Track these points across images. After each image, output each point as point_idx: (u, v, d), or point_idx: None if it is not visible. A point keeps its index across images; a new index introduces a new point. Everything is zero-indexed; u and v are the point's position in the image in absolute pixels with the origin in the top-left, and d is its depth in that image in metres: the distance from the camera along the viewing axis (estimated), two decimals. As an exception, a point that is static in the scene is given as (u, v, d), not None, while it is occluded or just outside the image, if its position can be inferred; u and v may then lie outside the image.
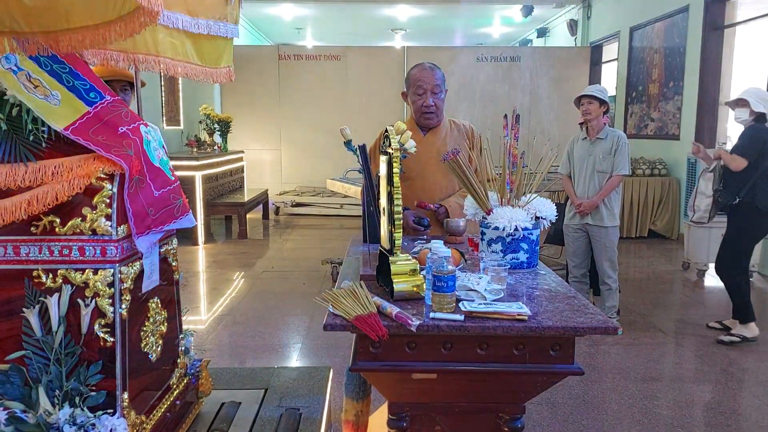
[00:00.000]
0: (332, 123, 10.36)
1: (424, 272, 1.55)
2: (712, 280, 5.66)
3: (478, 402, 1.52)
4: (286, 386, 2.55)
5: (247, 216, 7.93)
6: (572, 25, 11.26)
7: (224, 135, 8.90)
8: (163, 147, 1.92)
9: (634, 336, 4.05)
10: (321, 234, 8.07)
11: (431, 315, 1.39)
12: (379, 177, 1.64)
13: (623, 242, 7.06)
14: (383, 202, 1.58)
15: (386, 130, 1.55)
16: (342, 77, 10.47)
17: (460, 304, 1.43)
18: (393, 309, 1.38)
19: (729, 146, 5.78)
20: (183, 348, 2.15)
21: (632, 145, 8.34)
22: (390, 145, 1.50)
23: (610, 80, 9.94)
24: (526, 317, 1.37)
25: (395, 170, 1.48)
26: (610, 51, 10.36)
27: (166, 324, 1.98)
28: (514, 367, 1.41)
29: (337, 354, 3.66)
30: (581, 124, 4.37)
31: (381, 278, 1.62)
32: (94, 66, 1.97)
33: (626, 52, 9.20)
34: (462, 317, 1.38)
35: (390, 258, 1.51)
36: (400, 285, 1.49)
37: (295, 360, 3.72)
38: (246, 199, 8.01)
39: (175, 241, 2.09)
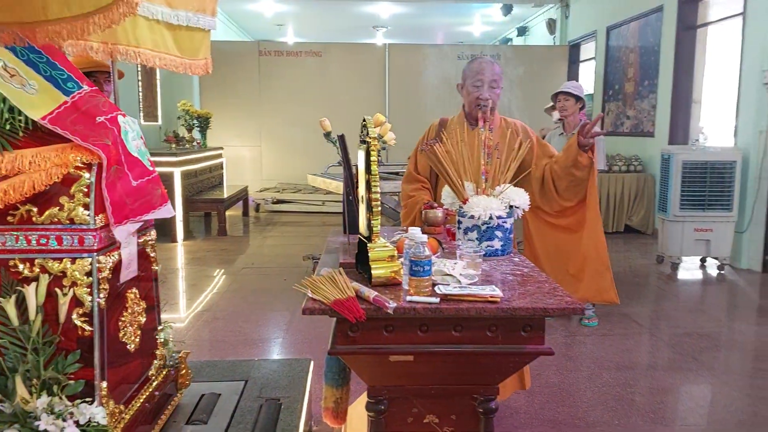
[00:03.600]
0: (313, 120, 10.21)
1: (401, 260, 1.58)
2: (685, 273, 5.79)
3: (453, 384, 1.56)
4: (266, 378, 2.56)
5: (227, 213, 7.90)
6: (551, 24, 11.38)
7: (203, 131, 8.85)
8: (141, 138, 1.93)
9: (609, 327, 4.13)
10: (302, 231, 8.06)
11: (408, 298, 1.42)
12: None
13: (600, 237, 7.16)
14: (361, 190, 1.61)
15: (364, 120, 1.57)
16: (323, 74, 10.46)
17: (435, 288, 1.46)
18: (371, 293, 1.41)
19: (703, 142, 5.91)
20: (162, 340, 2.16)
21: (609, 142, 8.51)
22: (368, 134, 1.53)
23: (588, 79, 10.08)
24: (499, 299, 1.42)
25: (373, 158, 1.51)
26: (587, 50, 10.50)
27: (144, 315, 1.98)
28: (488, 348, 1.45)
29: (317, 348, 3.68)
30: (559, 120, 4.45)
31: (360, 265, 1.64)
32: (72, 56, 1.97)
33: (603, 51, 9.33)
34: (437, 300, 1.41)
35: (368, 244, 1.54)
36: (378, 270, 1.52)
37: (275, 354, 3.73)
38: (226, 195, 7.98)
39: (153, 232, 2.09)
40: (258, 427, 2.10)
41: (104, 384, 1.68)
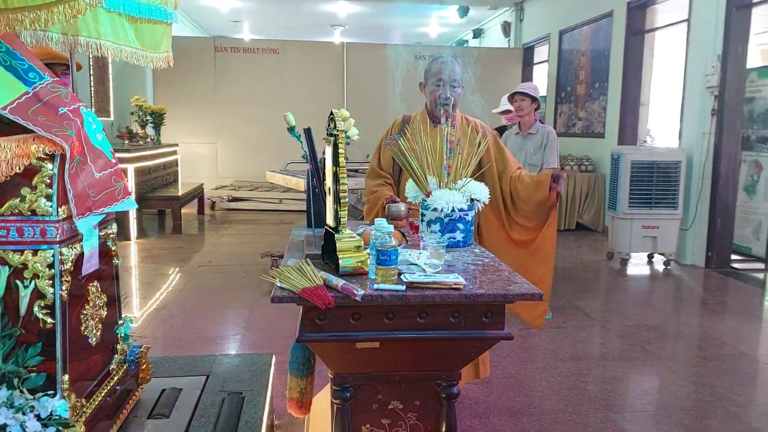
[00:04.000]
0: (271, 117, 10.24)
1: (368, 250, 1.62)
2: (633, 268, 6.01)
3: (418, 370, 1.61)
4: (227, 373, 2.56)
5: (182, 211, 7.77)
6: (506, 27, 11.61)
7: (157, 127, 8.68)
8: (103, 130, 1.91)
9: (563, 320, 4.27)
10: (259, 229, 8.00)
11: (375, 286, 1.46)
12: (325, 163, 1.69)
13: (553, 235, 7.36)
14: (329, 182, 1.64)
15: (331, 113, 1.61)
16: (281, 71, 10.40)
17: (401, 277, 1.51)
18: (339, 281, 1.44)
19: (650, 143, 6.15)
20: (122, 334, 2.14)
21: (561, 143, 8.72)
22: (335, 127, 1.56)
23: (542, 81, 10.32)
24: (462, 286, 1.47)
25: (341, 151, 1.55)
26: (541, 52, 10.75)
27: (105, 309, 1.96)
28: (451, 333, 1.50)
29: (278, 344, 3.67)
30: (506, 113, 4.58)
31: (326, 256, 1.68)
32: (31, 48, 1.93)
33: (556, 53, 9.58)
34: (404, 287, 1.46)
35: (336, 235, 1.57)
36: (345, 260, 1.55)
37: (235, 351, 3.71)
38: (181, 193, 7.85)
39: (114, 225, 2.07)
40: (221, 421, 2.10)
41: (66, 377, 1.66)
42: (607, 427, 2.79)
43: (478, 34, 13.64)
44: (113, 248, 2.06)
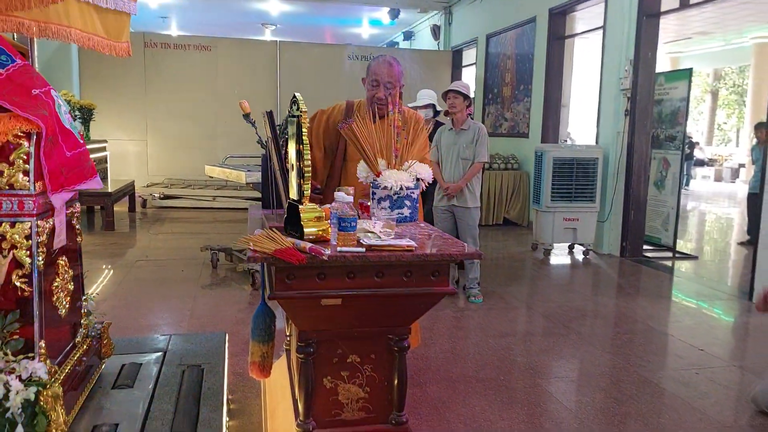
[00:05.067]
0: (203, 114, 10.19)
1: (329, 221, 1.80)
2: (556, 258, 6.45)
3: (374, 326, 1.81)
4: (183, 350, 2.66)
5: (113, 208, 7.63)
6: (435, 30, 12.00)
7: (86, 123, 8.47)
8: (69, 113, 2.01)
9: (493, 303, 4.59)
10: (194, 226, 7.96)
11: (338, 249, 1.65)
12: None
13: (482, 229, 7.74)
14: (292, 159, 1.81)
15: (294, 96, 1.78)
16: (212, 68, 10.33)
17: (360, 241, 1.71)
18: (306, 244, 1.62)
19: (570, 143, 6.62)
20: (85, 310, 2.23)
21: (489, 142, 9.19)
22: (298, 109, 1.74)
23: (470, 83, 10.75)
24: (413, 248, 1.69)
25: (304, 130, 1.73)
26: (469, 55, 11.20)
27: (72, 283, 2.06)
28: (404, 290, 1.71)
29: (224, 330, 3.78)
30: (445, 113, 4.87)
31: (290, 227, 1.85)
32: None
33: (483, 57, 10.03)
34: (364, 249, 1.65)
35: (300, 207, 1.75)
36: (309, 229, 1.73)
37: (181, 337, 3.78)
38: (112, 189, 7.70)
39: (78, 204, 2.16)
40: (184, 389, 2.22)
41: (42, 343, 1.75)
42: (534, 390, 3.09)
43: (408, 36, 14.01)
44: (77, 226, 2.15)
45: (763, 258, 4.71)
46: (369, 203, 2.15)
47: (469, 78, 11.02)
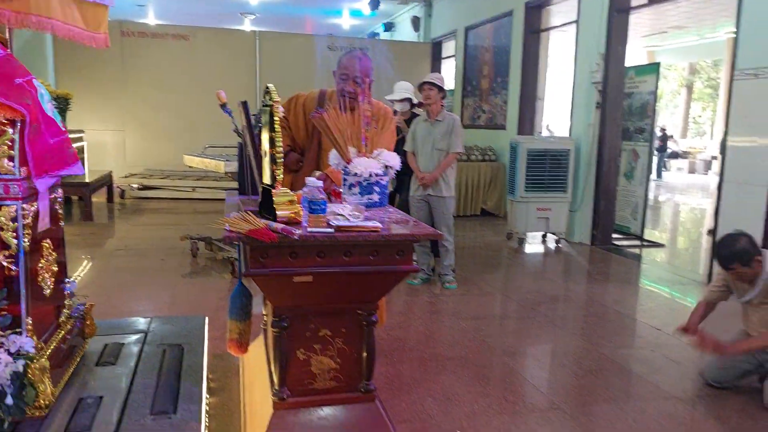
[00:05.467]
0: (181, 105, 10.19)
1: (300, 206, 1.92)
2: (529, 246, 6.64)
3: (343, 302, 1.93)
4: (164, 331, 2.76)
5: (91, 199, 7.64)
6: (415, 22, 12.10)
7: (63, 112, 8.43)
8: (51, 102, 2.09)
9: (467, 288, 4.75)
10: (173, 217, 8.00)
11: (309, 229, 1.77)
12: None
13: (460, 219, 7.93)
14: (266, 146, 1.92)
15: (267, 87, 1.89)
16: (191, 58, 10.32)
17: (329, 223, 1.83)
18: (279, 225, 1.74)
19: (549, 134, 6.79)
20: (68, 291, 2.32)
21: (468, 134, 9.32)
22: (271, 99, 1.85)
23: (449, 75, 10.89)
24: (379, 229, 1.81)
25: (276, 119, 1.84)
26: (449, 47, 11.33)
27: (56, 265, 2.15)
28: (371, 268, 1.84)
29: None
30: (419, 105, 4.99)
31: (263, 210, 1.96)
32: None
33: (462, 49, 10.16)
34: (333, 230, 1.78)
35: (273, 191, 1.87)
36: (281, 212, 1.85)
37: (161, 322, 3.87)
38: (89, 180, 7.70)
39: (60, 190, 2.25)
40: (165, 366, 2.33)
41: (29, 319, 1.85)
42: (501, 368, 3.25)
43: (389, 27, 14.08)
44: (60, 211, 2.24)
45: (724, 245, 4.92)
46: (341, 189, 2.27)
47: (449, 70, 11.15)
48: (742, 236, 3.01)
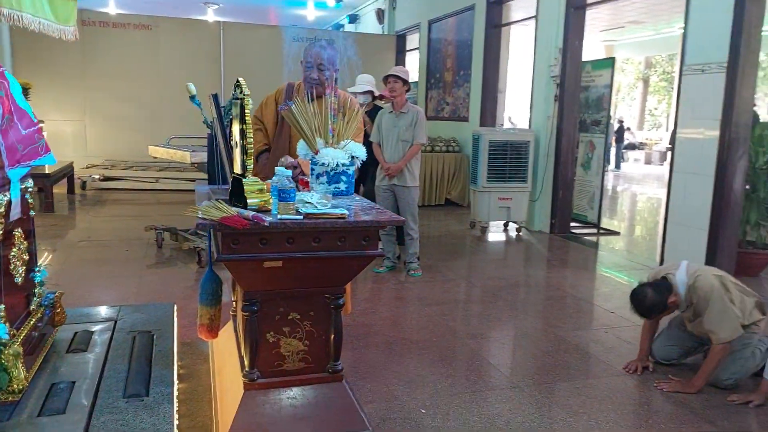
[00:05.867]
0: (144, 95, 10.06)
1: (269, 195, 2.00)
2: (492, 235, 6.82)
3: (312, 286, 2.03)
4: (133, 319, 2.80)
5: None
6: (380, 14, 12.17)
7: (22, 103, 8.25)
8: (22, 93, 2.12)
9: (432, 275, 4.89)
10: (136, 209, 7.92)
11: (279, 216, 1.86)
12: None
13: (425, 209, 8.08)
14: (236, 137, 2.00)
15: (238, 81, 1.96)
16: (154, 48, 10.18)
17: (298, 210, 1.92)
18: (249, 213, 1.82)
19: (507, 125, 6.96)
20: (38, 280, 2.35)
21: (432, 126, 9.47)
22: (242, 92, 1.93)
23: (413, 68, 11.00)
24: (346, 216, 1.91)
25: (247, 111, 1.91)
26: (413, 40, 11.43)
27: (27, 254, 2.19)
28: (338, 253, 1.94)
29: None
30: (381, 96, 5.09)
31: (234, 198, 2.03)
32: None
33: (426, 42, 10.28)
34: (301, 217, 1.87)
35: (243, 180, 1.94)
36: (252, 200, 1.93)
37: (129, 312, 3.90)
38: (50, 170, 7.57)
39: (30, 180, 2.28)
40: (135, 352, 2.39)
41: (2, 306, 1.89)
42: (463, 349, 3.39)
43: (354, 19, 14.11)
44: (30, 200, 2.27)
45: (672, 231, 5.18)
46: (308, 179, 2.36)
47: (413, 62, 11.26)
48: (646, 288, 3.04)
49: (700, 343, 3.22)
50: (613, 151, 16.70)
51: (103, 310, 2.91)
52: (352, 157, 2.34)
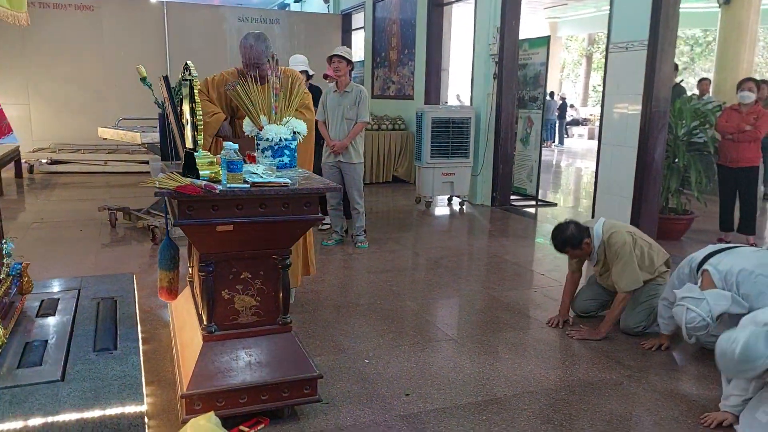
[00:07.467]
0: (89, 77, 9.95)
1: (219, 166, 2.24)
2: (436, 209, 7.17)
3: (260, 248, 2.29)
4: (96, 287, 3.01)
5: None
6: (326, -6, 12.26)
7: (-39, 86, 8.10)
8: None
9: (379, 246, 5.19)
10: (87, 191, 7.92)
11: (228, 185, 2.11)
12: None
13: (373, 186, 8.37)
14: (187, 115, 2.22)
15: (186, 64, 2.18)
16: (97, 30, 10.05)
17: (246, 179, 2.17)
18: (202, 182, 2.06)
19: (456, 103, 7.26)
20: (6, 252, 2.54)
21: (378, 105, 9.73)
22: (190, 74, 2.15)
23: (359, 46, 11.19)
24: (288, 184, 2.17)
25: (196, 91, 2.14)
26: (358, 19, 11.59)
27: (-7, 228, 2.37)
28: (283, 218, 2.20)
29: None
30: (326, 76, 5.31)
31: (186, 171, 2.26)
32: None
33: (371, 21, 10.47)
34: (249, 186, 2.12)
35: (195, 154, 2.18)
36: (203, 171, 2.16)
37: (87, 288, 4.06)
38: (-4, 155, 7.51)
39: (-7, 159, 2.45)
40: (100, 315, 2.61)
41: (-23, 274, 2.09)
42: (406, 311, 3.71)
43: (300, -1, 14.14)
44: (-6, 178, 2.44)
45: (601, 200, 5.62)
46: (255, 153, 2.60)
47: (358, 41, 11.43)
48: (570, 224, 3.42)
49: (614, 296, 3.63)
50: (556, 127, 17.33)
51: (66, 280, 3.10)
52: (294, 132, 2.59)
